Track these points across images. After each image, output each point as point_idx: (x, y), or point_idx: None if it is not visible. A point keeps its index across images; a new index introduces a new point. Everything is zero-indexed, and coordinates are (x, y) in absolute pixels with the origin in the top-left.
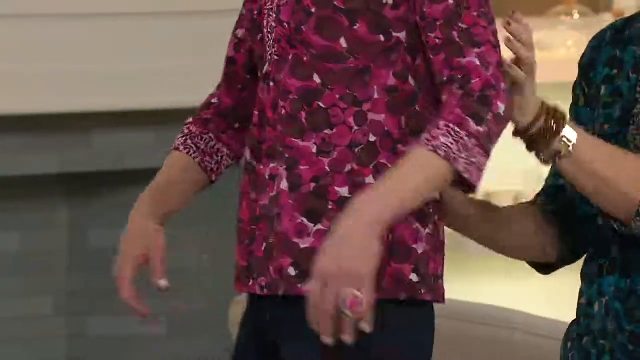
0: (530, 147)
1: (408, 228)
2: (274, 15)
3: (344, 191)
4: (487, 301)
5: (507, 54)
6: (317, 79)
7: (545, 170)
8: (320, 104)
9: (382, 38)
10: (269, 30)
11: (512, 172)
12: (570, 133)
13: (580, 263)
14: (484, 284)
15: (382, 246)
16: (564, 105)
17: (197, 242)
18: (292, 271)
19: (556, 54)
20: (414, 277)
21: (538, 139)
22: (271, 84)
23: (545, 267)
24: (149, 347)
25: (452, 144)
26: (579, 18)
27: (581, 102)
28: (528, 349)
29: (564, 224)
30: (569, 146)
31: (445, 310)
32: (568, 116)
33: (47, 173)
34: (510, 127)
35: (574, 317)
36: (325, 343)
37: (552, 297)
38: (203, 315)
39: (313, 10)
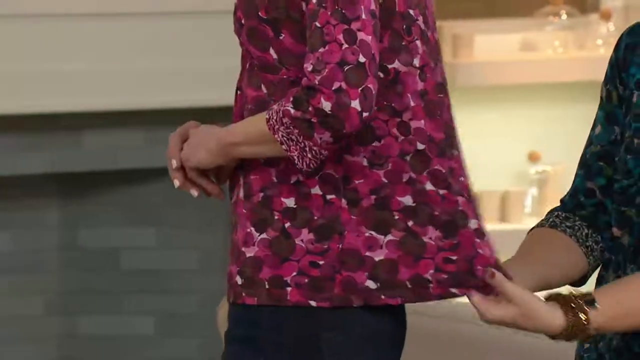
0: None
1: (359, 236)
2: None
3: (289, 202)
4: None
5: None
6: (263, 89)
7: (531, 170)
8: None
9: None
10: None
11: (498, 172)
12: (595, 320)
13: None
14: None
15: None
16: (554, 105)
17: (186, 243)
18: (239, 279)
19: (544, 54)
20: (370, 284)
21: (574, 338)
22: (238, 92)
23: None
24: (139, 347)
25: (274, 114)
26: (566, 19)
27: (615, 101)
28: (518, 348)
29: (593, 230)
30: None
31: (435, 310)
32: (590, 321)
33: (39, 173)
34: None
35: None
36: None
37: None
38: (192, 316)
39: (243, 21)
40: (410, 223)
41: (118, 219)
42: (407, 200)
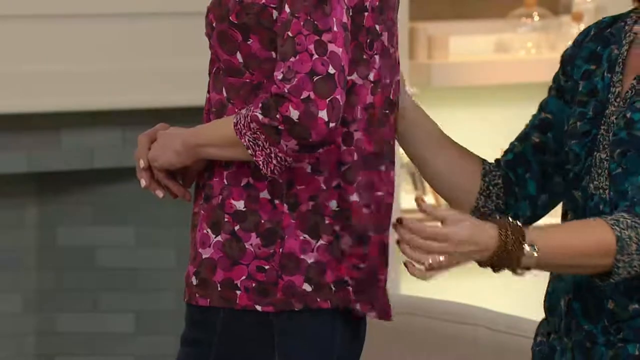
0: (498, 270)
1: (296, 240)
2: None
3: (239, 205)
4: (449, 298)
5: None
6: (224, 92)
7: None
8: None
9: (273, 55)
10: None
11: None
12: (530, 250)
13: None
14: (446, 281)
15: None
16: (527, 105)
17: (164, 241)
18: (194, 280)
19: (517, 55)
20: (306, 287)
21: (505, 267)
22: (207, 95)
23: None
24: (117, 344)
25: (242, 119)
26: (539, 20)
27: (553, 92)
28: (491, 345)
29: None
30: (534, 257)
31: (409, 307)
32: (525, 232)
33: (17, 172)
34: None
35: (534, 312)
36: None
37: (513, 294)
38: (171, 313)
39: (214, 24)
40: (337, 227)
41: (96, 217)
42: (333, 205)
